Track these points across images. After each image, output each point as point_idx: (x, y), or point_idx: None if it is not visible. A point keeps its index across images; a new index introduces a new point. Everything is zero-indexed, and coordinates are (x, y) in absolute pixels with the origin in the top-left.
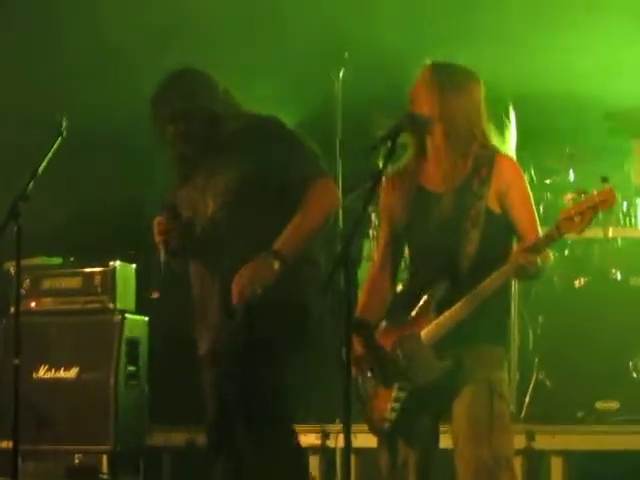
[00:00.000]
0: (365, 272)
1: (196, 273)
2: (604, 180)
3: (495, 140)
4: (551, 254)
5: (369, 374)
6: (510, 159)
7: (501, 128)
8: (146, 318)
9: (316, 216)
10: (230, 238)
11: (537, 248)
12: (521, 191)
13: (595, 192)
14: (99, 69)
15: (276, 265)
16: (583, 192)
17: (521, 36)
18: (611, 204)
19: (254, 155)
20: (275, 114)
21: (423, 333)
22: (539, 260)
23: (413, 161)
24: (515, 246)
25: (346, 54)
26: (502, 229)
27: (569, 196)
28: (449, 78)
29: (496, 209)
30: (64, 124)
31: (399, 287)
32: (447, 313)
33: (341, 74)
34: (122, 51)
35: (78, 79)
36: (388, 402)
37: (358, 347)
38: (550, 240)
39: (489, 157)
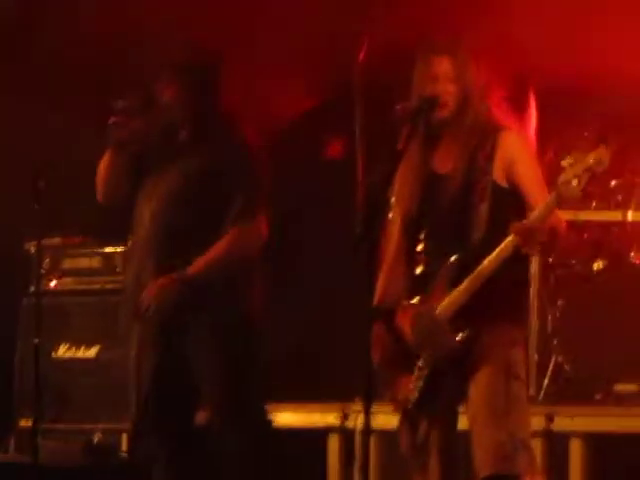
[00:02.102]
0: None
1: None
2: (601, 141)
3: (506, 117)
4: (563, 222)
5: (391, 358)
6: (516, 133)
7: (520, 107)
8: None
9: (234, 257)
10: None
11: (539, 217)
12: (527, 165)
13: (590, 154)
14: None
15: (182, 290)
16: (579, 156)
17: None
18: (606, 165)
19: (210, 162)
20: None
21: (438, 307)
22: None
23: (417, 147)
24: None
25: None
26: (512, 203)
27: (566, 161)
28: (454, 55)
29: (503, 183)
30: None
31: (418, 269)
32: (460, 287)
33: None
34: None
35: None
36: (410, 382)
37: (380, 334)
38: (551, 207)
39: (494, 132)
